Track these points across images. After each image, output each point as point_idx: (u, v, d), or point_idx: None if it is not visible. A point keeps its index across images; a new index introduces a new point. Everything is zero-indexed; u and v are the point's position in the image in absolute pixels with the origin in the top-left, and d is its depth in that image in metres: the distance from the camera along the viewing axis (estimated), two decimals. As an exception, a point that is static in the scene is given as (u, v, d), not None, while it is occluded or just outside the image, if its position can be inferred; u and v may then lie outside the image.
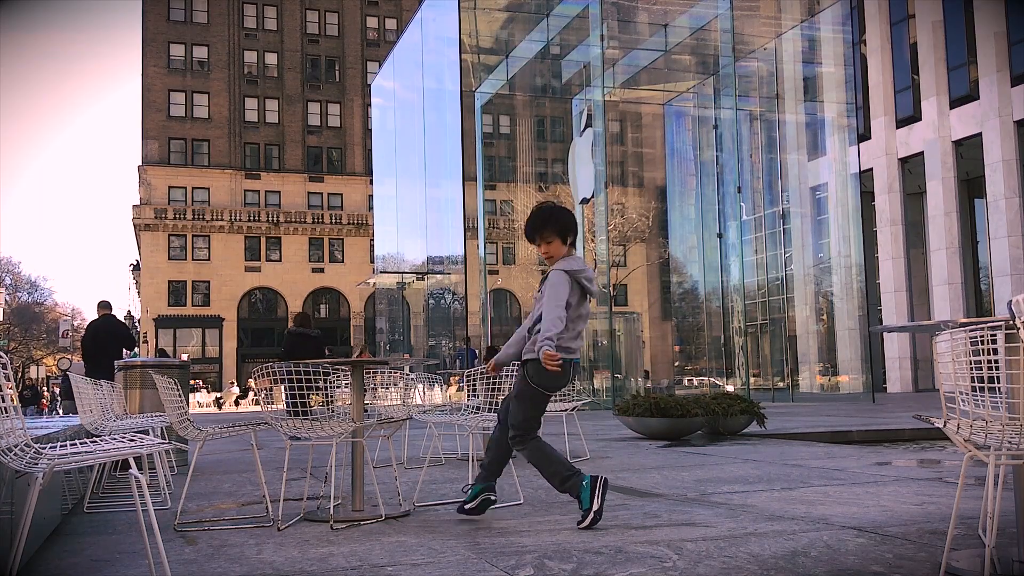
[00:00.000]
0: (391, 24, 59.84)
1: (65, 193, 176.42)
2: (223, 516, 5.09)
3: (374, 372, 5.99)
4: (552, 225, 4.53)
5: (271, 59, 58.15)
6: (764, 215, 29.45)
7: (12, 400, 2.82)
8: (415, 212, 30.01)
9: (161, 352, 29.54)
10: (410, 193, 30.56)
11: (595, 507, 4.26)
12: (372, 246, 47.78)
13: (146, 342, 52.06)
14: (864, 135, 30.51)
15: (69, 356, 47.53)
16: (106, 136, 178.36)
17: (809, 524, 4.25)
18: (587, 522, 4.23)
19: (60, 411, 23.72)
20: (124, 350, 12.76)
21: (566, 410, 7.66)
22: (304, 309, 54.96)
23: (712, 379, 28.77)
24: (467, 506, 4.62)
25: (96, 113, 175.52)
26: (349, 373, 5.15)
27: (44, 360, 60.42)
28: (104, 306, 13.37)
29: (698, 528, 4.21)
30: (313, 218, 56.63)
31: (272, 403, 5.36)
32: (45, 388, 44.10)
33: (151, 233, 53.73)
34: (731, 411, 10.09)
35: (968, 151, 28.51)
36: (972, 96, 28.03)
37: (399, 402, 6.33)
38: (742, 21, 27.00)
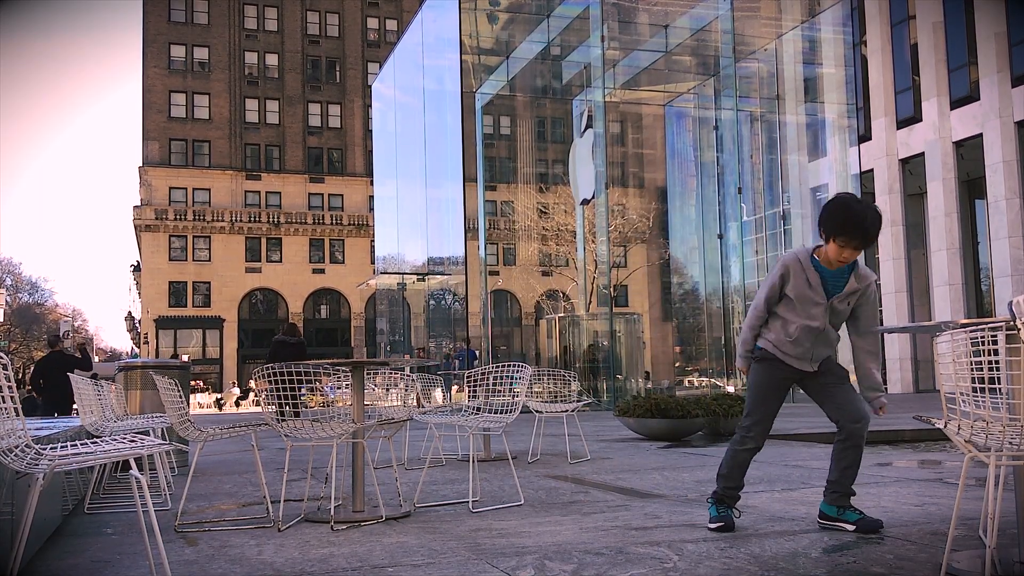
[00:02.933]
0: (392, 25, 59.85)
1: (66, 194, 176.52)
2: (224, 517, 5.10)
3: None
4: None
5: (272, 60, 58.15)
6: (765, 216, 29.44)
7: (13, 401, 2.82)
8: (416, 213, 29.99)
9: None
10: (411, 194, 30.54)
11: None
12: (373, 247, 47.77)
13: (147, 343, 52.07)
14: (865, 136, 30.50)
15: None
16: (107, 137, 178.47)
17: (810, 525, 4.24)
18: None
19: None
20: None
21: (566, 411, 7.67)
22: (304, 311, 55.05)
23: (713, 380, 28.74)
24: (856, 530, 3.98)
25: (97, 114, 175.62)
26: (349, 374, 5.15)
27: (45, 361, 60.35)
28: (52, 342, 13.73)
29: (699, 529, 4.21)
30: (314, 219, 56.62)
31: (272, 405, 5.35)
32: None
33: (152, 234, 53.73)
34: (732, 412, 10.08)
35: (969, 152, 28.51)
36: (973, 97, 28.02)
37: (400, 403, 6.33)
38: (743, 22, 26.98)
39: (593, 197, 25.58)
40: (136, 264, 61.21)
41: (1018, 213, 26.71)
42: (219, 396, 41.96)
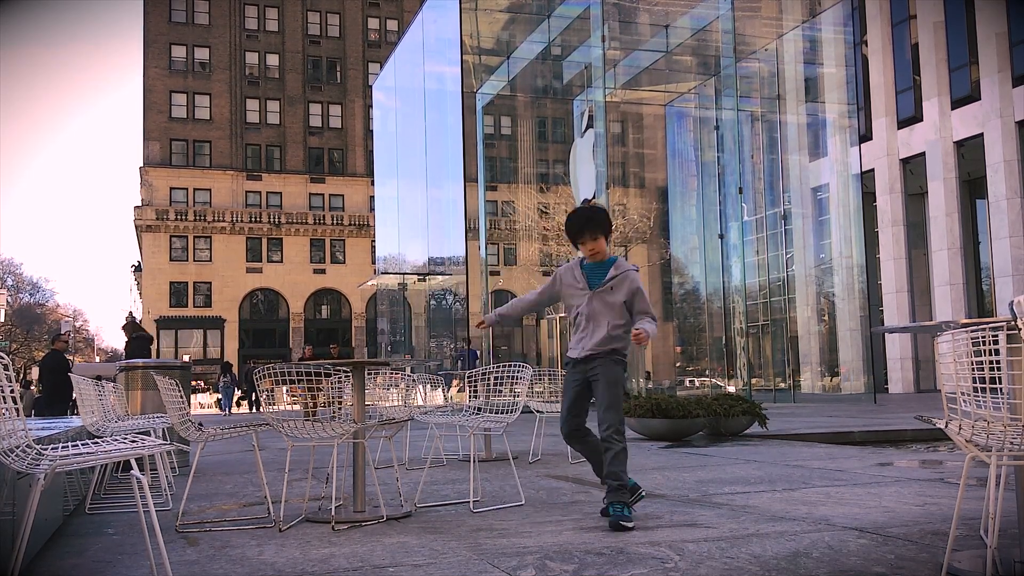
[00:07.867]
0: (392, 25, 59.86)
1: (67, 194, 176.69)
2: (225, 517, 5.10)
3: (375, 372, 5.96)
4: (602, 226, 4.84)
5: (272, 60, 58.17)
6: (765, 216, 29.41)
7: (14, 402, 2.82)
8: (416, 213, 29.99)
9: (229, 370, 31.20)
10: (411, 194, 30.55)
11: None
12: (373, 247, 47.77)
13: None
14: (865, 136, 30.47)
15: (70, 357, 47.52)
16: (107, 137, 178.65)
17: (811, 525, 4.24)
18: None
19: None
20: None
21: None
22: (305, 311, 55.02)
23: (713, 380, 28.73)
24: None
25: (97, 114, 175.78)
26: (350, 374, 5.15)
27: (46, 361, 60.30)
28: (52, 341, 13.97)
29: (700, 529, 4.21)
30: (314, 219, 56.63)
31: (273, 404, 5.35)
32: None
33: (152, 234, 53.75)
34: (732, 412, 10.08)
35: (969, 152, 28.49)
36: (973, 97, 28.01)
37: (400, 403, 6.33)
38: (743, 22, 26.96)
39: (594, 197, 25.55)
40: (137, 264, 61.25)
41: (1019, 213, 26.70)
42: (220, 396, 41.94)
